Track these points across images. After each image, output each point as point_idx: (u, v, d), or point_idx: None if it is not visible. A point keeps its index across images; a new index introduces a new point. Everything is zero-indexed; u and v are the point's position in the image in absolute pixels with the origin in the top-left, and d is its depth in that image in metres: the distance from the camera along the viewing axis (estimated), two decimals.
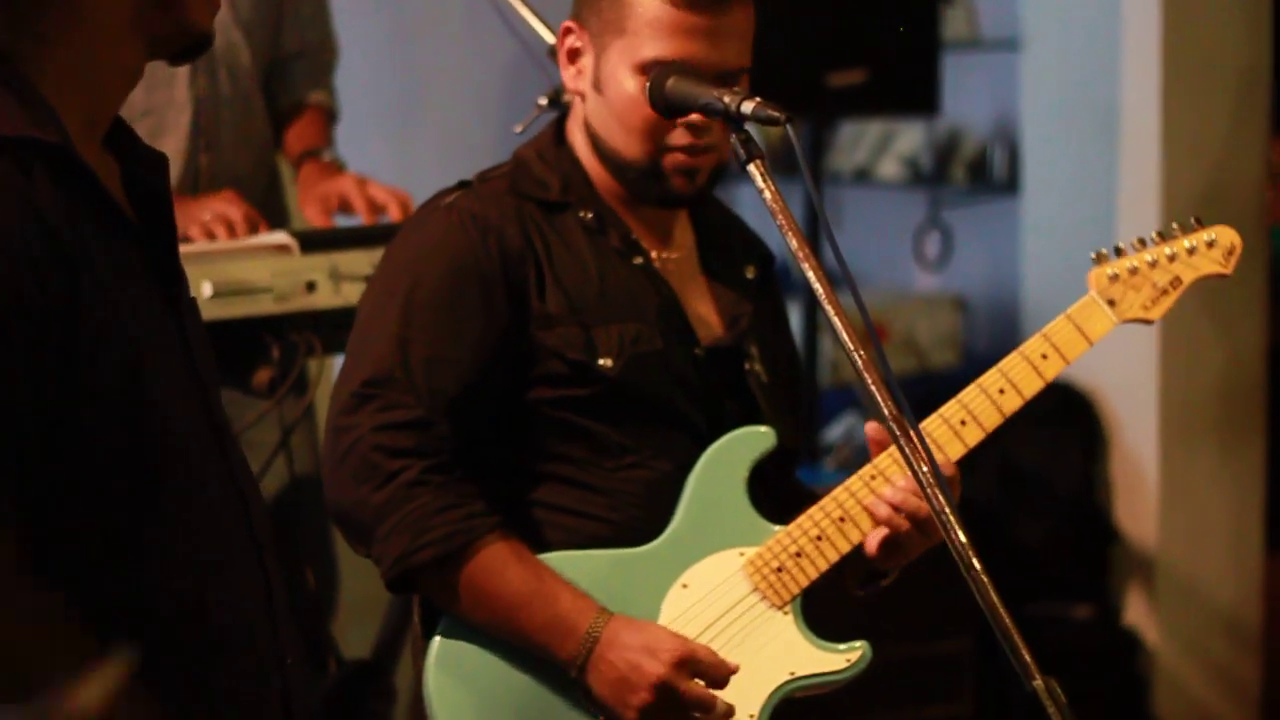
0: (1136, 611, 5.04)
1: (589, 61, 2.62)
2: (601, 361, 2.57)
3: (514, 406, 2.58)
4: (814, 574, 2.58)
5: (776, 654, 2.57)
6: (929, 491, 2.19)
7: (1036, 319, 5.12)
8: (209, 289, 3.04)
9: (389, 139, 5.39)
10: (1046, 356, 2.65)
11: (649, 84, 2.50)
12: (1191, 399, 4.97)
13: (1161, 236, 2.71)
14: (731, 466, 2.61)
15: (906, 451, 2.20)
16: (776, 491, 2.69)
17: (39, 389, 1.73)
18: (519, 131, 3.09)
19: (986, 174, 5.82)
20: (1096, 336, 2.66)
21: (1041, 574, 5.04)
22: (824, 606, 2.64)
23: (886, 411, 2.24)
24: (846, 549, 2.58)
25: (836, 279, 2.34)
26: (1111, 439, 5.07)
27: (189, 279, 2.01)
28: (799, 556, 2.58)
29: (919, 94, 5.00)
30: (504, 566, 2.50)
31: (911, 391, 2.40)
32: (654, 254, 2.67)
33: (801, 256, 2.31)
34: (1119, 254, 2.69)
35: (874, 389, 2.25)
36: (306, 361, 3.20)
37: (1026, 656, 2.10)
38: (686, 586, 2.58)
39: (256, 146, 3.70)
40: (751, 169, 2.35)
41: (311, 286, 3.16)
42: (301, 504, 3.48)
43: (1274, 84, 5.03)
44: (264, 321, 3.14)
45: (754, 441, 2.63)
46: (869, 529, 2.57)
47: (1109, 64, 5.01)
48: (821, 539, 2.58)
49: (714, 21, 2.55)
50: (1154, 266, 2.68)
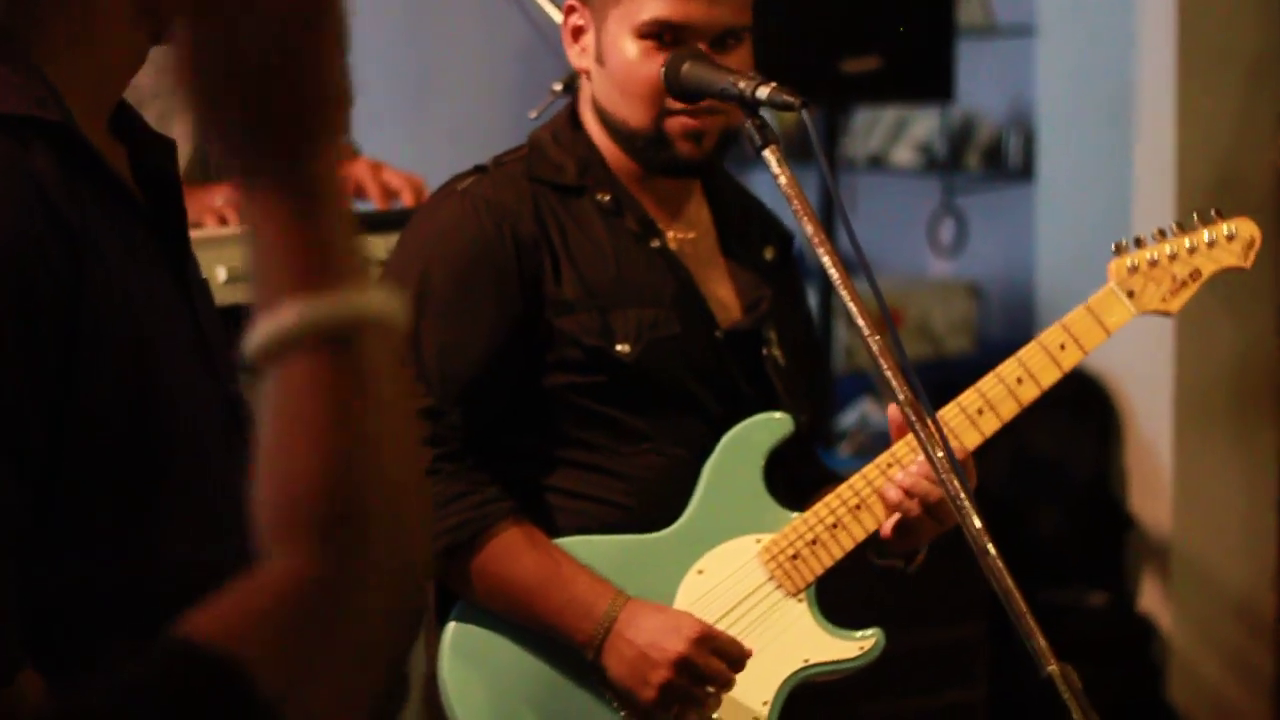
0: (1151, 598, 5.03)
1: (591, 38, 2.61)
2: (619, 347, 2.56)
3: (531, 393, 2.57)
4: (829, 561, 2.58)
5: (790, 641, 2.57)
6: (944, 477, 2.19)
7: (1051, 306, 5.12)
8: (223, 274, 3.04)
9: (403, 124, 5.39)
10: (1064, 347, 2.64)
11: (664, 69, 2.49)
12: (1206, 386, 4.96)
13: (1181, 228, 2.69)
14: (748, 453, 2.61)
15: (921, 436, 2.21)
16: (796, 474, 2.69)
17: (39, 363, 1.73)
18: (534, 117, 3.08)
19: (1001, 161, 5.81)
20: (1114, 327, 2.65)
21: (1055, 561, 5.04)
22: (838, 593, 2.64)
23: (901, 397, 2.24)
24: (862, 536, 2.58)
25: (851, 265, 2.34)
26: (1126, 426, 5.07)
27: (203, 264, 2.01)
28: (815, 544, 2.58)
29: (934, 80, 4.99)
30: (519, 552, 2.50)
31: (926, 377, 2.40)
32: (671, 235, 2.66)
33: (817, 242, 2.31)
34: (1139, 245, 2.68)
35: (889, 374, 2.25)
36: None
37: (1041, 643, 2.10)
38: (702, 572, 2.58)
39: None
40: (767, 154, 2.35)
41: None
42: None
43: None
44: None
45: (771, 428, 2.63)
46: (884, 517, 2.57)
47: (1124, 51, 5.00)
48: (838, 526, 2.58)
49: None
50: (1173, 259, 2.67)
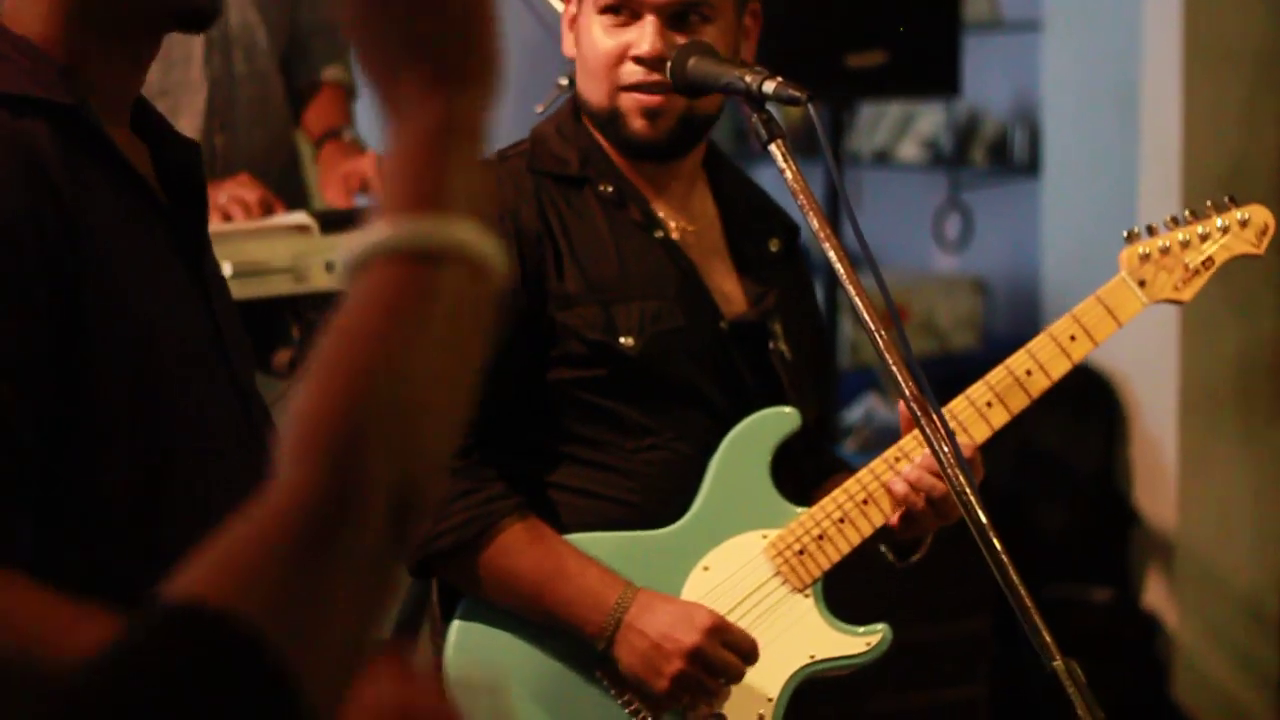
0: (1156, 594, 5.03)
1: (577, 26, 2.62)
2: (622, 340, 2.55)
3: (534, 387, 2.57)
4: (836, 557, 2.58)
5: (797, 637, 2.57)
6: (949, 472, 2.19)
7: (1057, 301, 5.12)
8: (229, 269, 3.04)
9: None
10: (1075, 338, 2.63)
11: (670, 64, 2.49)
12: (1211, 382, 4.96)
13: (1194, 215, 2.66)
14: (755, 448, 2.61)
15: (927, 431, 2.21)
16: (803, 469, 2.68)
17: (36, 329, 1.73)
18: (540, 111, 3.08)
19: (1007, 156, 5.81)
20: (1126, 318, 2.63)
21: (1061, 557, 5.04)
22: (843, 588, 2.64)
23: (907, 392, 2.24)
24: (869, 531, 2.58)
25: (857, 260, 2.34)
26: (1131, 422, 5.07)
27: None
28: (821, 539, 2.58)
29: (939, 75, 4.98)
30: (526, 546, 2.49)
31: (931, 373, 2.40)
32: (674, 226, 2.64)
33: (823, 237, 2.31)
34: (1150, 233, 2.65)
35: (895, 370, 2.25)
36: None
37: (1046, 638, 2.10)
38: (708, 569, 2.58)
39: (273, 126, 3.69)
40: (773, 149, 2.35)
41: (331, 267, 3.16)
42: None
43: None
44: (284, 302, 3.14)
45: (777, 423, 2.62)
46: (891, 511, 2.57)
47: (1130, 45, 5.00)
48: (844, 521, 2.57)
49: None
50: (1186, 246, 2.64)
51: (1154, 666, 4.97)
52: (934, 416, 2.24)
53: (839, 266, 2.29)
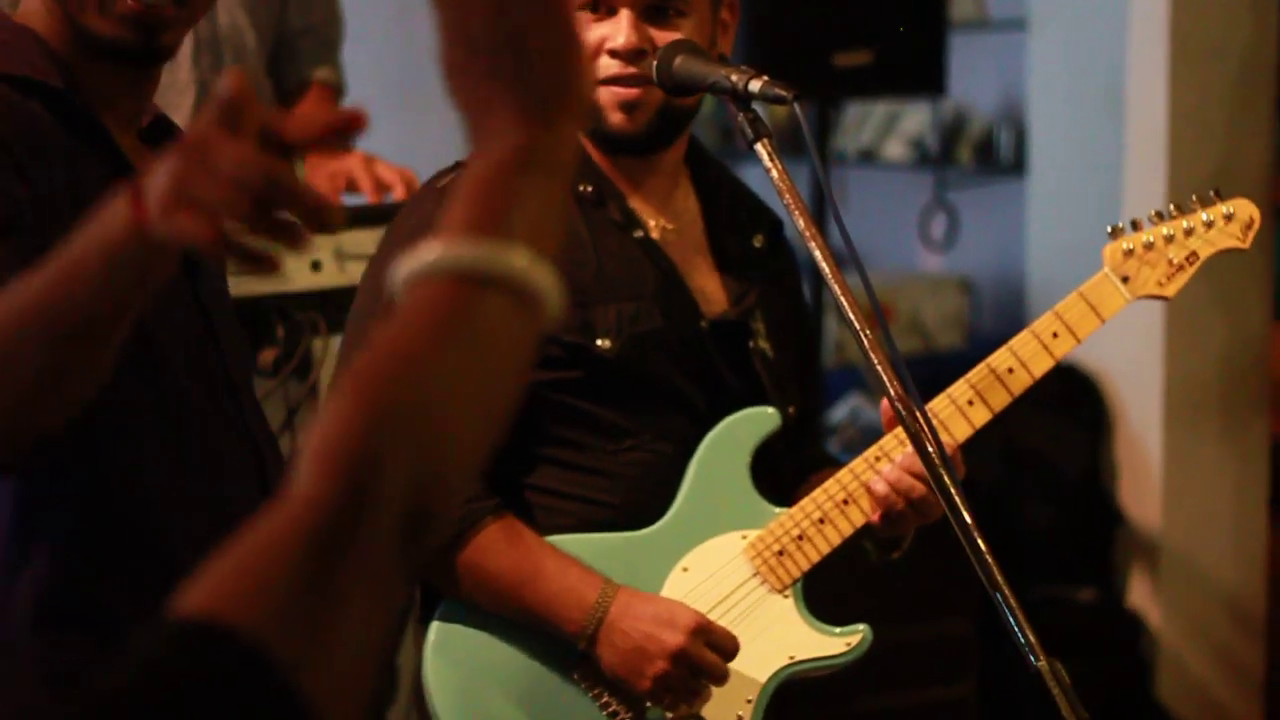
0: (1140, 594, 5.04)
1: None
2: (599, 342, 2.54)
3: None
4: (816, 557, 2.57)
5: (776, 637, 2.56)
6: (935, 472, 2.18)
7: (1042, 300, 5.11)
8: None
9: (396, 117, 5.38)
10: (1057, 335, 2.61)
11: (656, 63, 2.48)
12: (1196, 382, 4.97)
13: (1179, 210, 2.64)
14: (734, 448, 2.60)
15: (912, 431, 2.20)
16: (785, 468, 2.67)
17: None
18: None
19: (993, 155, 5.81)
20: (1109, 314, 2.60)
21: (1045, 556, 5.04)
22: (827, 588, 2.64)
23: (892, 391, 2.24)
24: (849, 531, 2.56)
25: (843, 259, 2.34)
26: (1116, 422, 5.07)
27: None
28: (801, 540, 2.57)
29: (925, 75, 4.99)
30: (505, 546, 2.49)
31: (917, 372, 2.39)
32: (654, 225, 2.62)
33: (808, 236, 2.31)
34: (1135, 228, 2.62)
35: (880, 369, 2.25)
36: (311, 341, 3.20)
37: (1031, 638, 2.10)
38: (687, 570, 2.56)
39: None
40: (759, 148, 2.35)
41: (316, 266, 3.16)
42: None
43: None
44: (269, 300, 3.13)
45: (757, 423, 2.61)
46: (871, 511, 2.55)
47: (1116, 45, 5.00)
48: (824, 522, 2.56)
49: None
50: (1170, 241, 2.62)
51: (1138, 666, 4.98)
52: (919, 416, 2.23)
53: (824, 266, 2.29)
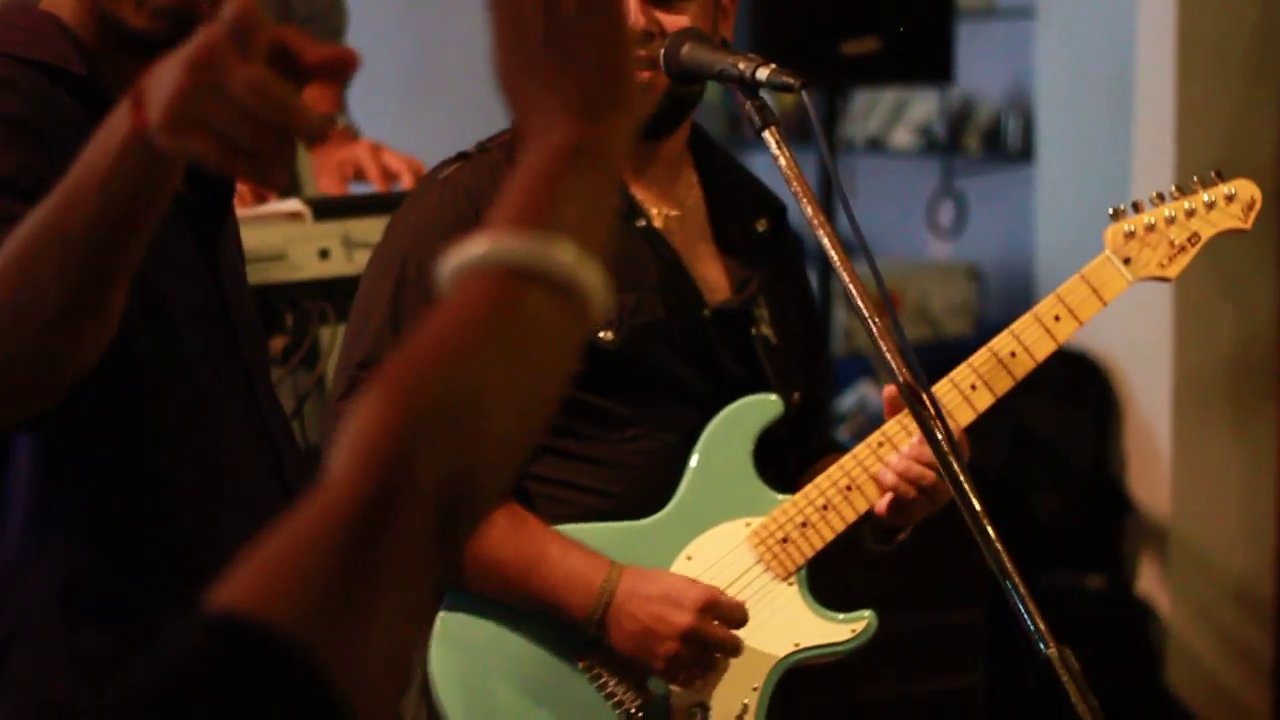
0: (1149, 582, 5.04)
1: None
2: (601, 334, 2.52)
3: None
4: (820, 544, 2.56)
5: (781, 625, 2.55)
6: (945, 460, 2.18)
7: (1050, 287, 5.08)
8: None
9: (404, 106, 5.39)
10: (1059, 318, 2.61)
11: (664, 51, 2.48)
12: (1204, 369, 4.96)
13: (1180, 191, 2.64)
14: (737, 436, 2.59)
15: (923, 419, 2.20)
16: (790, 455, 2.66)
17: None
18: None
19: (1000, 143, 5.81)
20: (1111, 296, 2.60)
21: (1054, 544, 5.04)
22: (835, 577, 2.63)
23: (901, 379, 2.24)
24: (853, 518, 2.56)
25: (851, 247, 2.33)
26: (1124, 409, 5.07)
27: None
28: (805, 526, 2.56)
29: (933, 62, 4.98)
30: (510, 534, 2.48)
31: (925, 360, 2.39)
32: (656, 213, 2.61)
33: (816, 224, 2.30)
34: (1136, 210, 2.62)
35: (889, 357, 2.25)
36: (319, 329, 3.20)
37: (1040, 625, 2.10)
38: (691, 559, 2.55)
39: None
40: (766, 136, 2.34)
41: (324, 254, 3.16)
42: (314, 473, 3.48)
43: None
44: (277, 289, 3.13)
45: (760, 410, 2.60)
46: (876, 497, 2.55)
47: (1123, 32, 4.99)
48: (828, 508, 2.56)
49: None
50: (1171, 223, 2.62)
51: (1147, 653, 4.98)
52: (929, 404, 2.23)
53: (833, 254, 2.28)
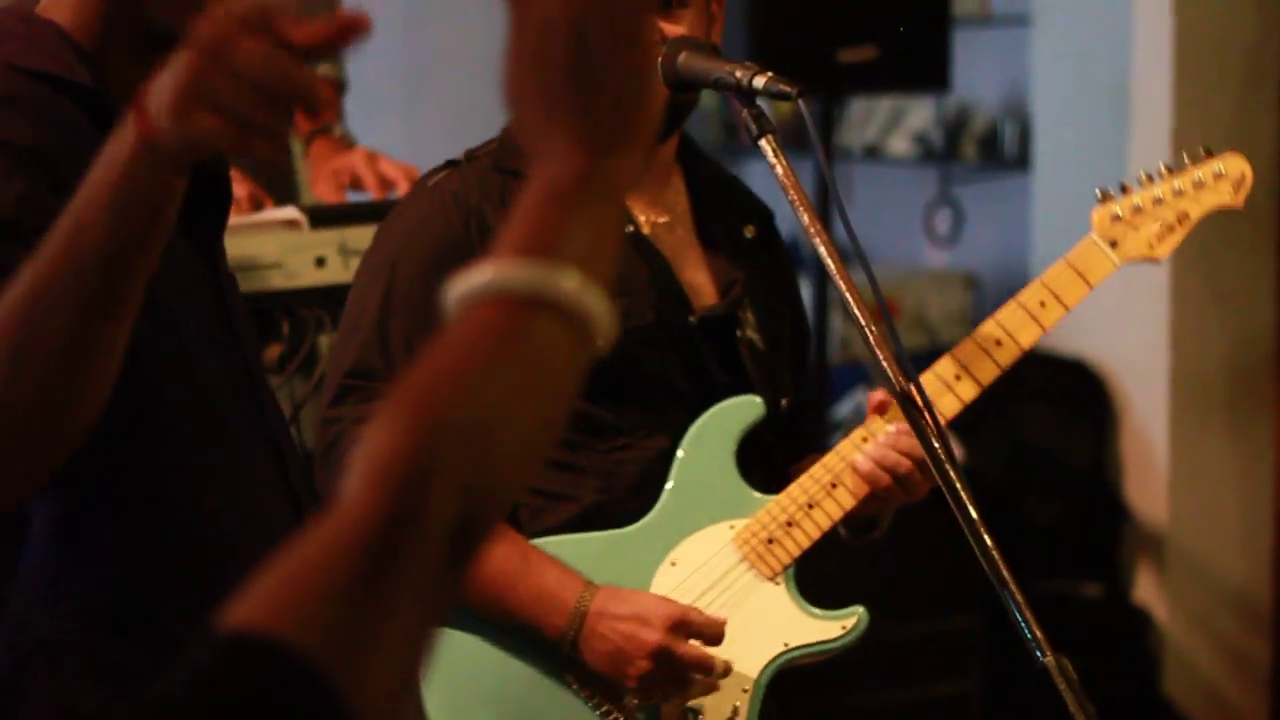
0: (1146, 590, 5.04)
1: None
2: None
3: None
4: (806, 543, 2.54)
5: (770, 626, 2.53)
6: (944, 470, 2.18)
7: None
8: None
9: (400, 115, 5.39)
10: (1045, 304, 2.58)
11: (660, 60, 2.48)
12: (1202, 377, 4.96)
13: (1170, 170, 2.59)
14: (718, 439, 2.57)
15: (919, 425, 2.20)
16: (780, 456, 2.65)
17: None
18: None
19: (997, 150, 5.81)
20: (1097, 280, 2.57)
21: (1051, 552, 5.04)
22: (829, 584, 2.61)
23: (897, 387, 2.24)
24: (839, 514, 2.53)
25: (847, 255, 2.33)
26: (1121, 417, 5.07)
27: None
28: (790, 526, 2.54)
29: (930, 70, 4.98)
30: (489, 549, 2.47)
31: (922, 368, 2.39)
32: (644, 220, 2.61)
33: (813, 232, 2.31)
34: (1124, 192, 2.58)
35: (885, 365, 2.25)
36: (316, 337, 3.19)
37: (1037, 633, 2.10)
38: (675, 564, 2.54)
39: None
40: (763, 144, 2.34)
41: (321, 262, 3.16)
42: (311, 480, 3.48)
43: None
44: (274, 297, 3.13)
45: (741, 412, 2.58)
46: (861, 492, 2.52)
47: (1120, 40, 5.00)
48: (813, 507, 2.53)
49: None
50: (1159, 203, 2.58)
51: (1145, 661, 4.97)
52: (925, 413, 2.23)
53: (829, 262, 2.28)
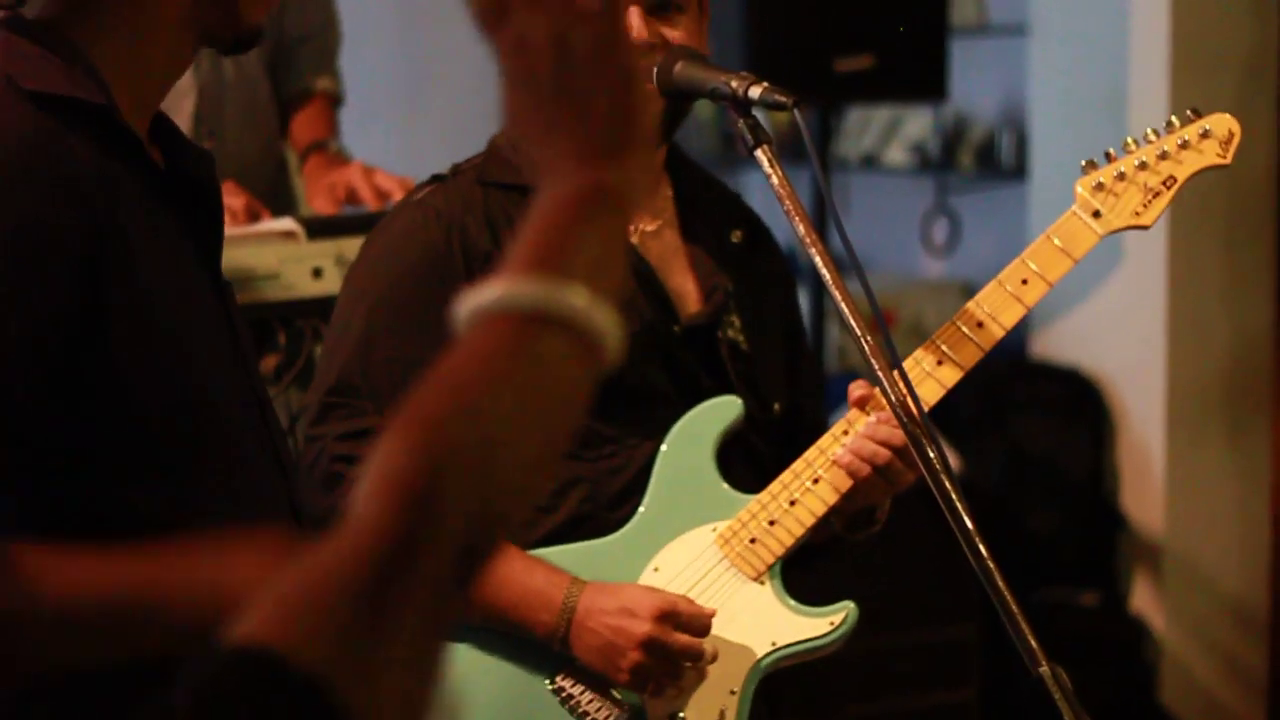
0: (1143, 598, 5.04)
1: None
2: None
3: None
4: (790, 541, 2.51)
5: (756, 626, 2.51)
6: (940, 482, 2.18)
7: (1043, 304, 5.11)
8: None
9: (395, 126, 5.39)
10: (1027, 281, 2.53)
11: (656, 69, 2.48)
12: (1199, 386, 4.97)
13: (1155, 134, 2.52)
14: (697, 441, 2.55)
15: (913, 433, 2.20)
16: (774, 463, 2.63)
17: (51, 346, 1.75)
18: None
19: (994, 160, 5.81)
20: (1080, 253, 2.51)
21: (1048, 561, 5.04)
22: (824, 591, 2.59)
23: (893, 397, 2.24)
24: (822, 510, 2.50)
25: (844, 265, 2.33)
26: (1118, 426, 5.07)
27: None
28: (773, 525, 2.51)
29: (926, 80, 4.98)
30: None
31: None
32: (631, 228, 2.62)
33: (809, 242, 2.31)
34: (1109, 160, 2.51)
35: (881, 375, 2.25)
36: (313, 348, 3.20)
37: (1033, 643, 2.10)
38: (658, 570, 2.53)
39: (262, 132, 3.69)
40: (759, 154, 2.34)
41: (318, 273, 3.16)
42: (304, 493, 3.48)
43: None
44: (270, 308, 3.13)
45: (719, 413, 2.56)
46: (843, 486, 2.49)
47: (1117, 50, 5.00)
48: (795, 503, 2.51)
49: None
50: (1143, 168, 2.52)
51: (1142, 670, 4.97)
52: (919, 418, 2.23)
53: (825, 272, 2.28)
